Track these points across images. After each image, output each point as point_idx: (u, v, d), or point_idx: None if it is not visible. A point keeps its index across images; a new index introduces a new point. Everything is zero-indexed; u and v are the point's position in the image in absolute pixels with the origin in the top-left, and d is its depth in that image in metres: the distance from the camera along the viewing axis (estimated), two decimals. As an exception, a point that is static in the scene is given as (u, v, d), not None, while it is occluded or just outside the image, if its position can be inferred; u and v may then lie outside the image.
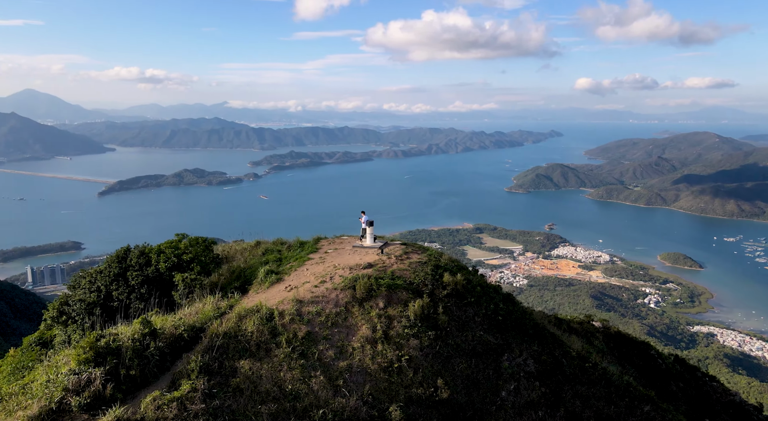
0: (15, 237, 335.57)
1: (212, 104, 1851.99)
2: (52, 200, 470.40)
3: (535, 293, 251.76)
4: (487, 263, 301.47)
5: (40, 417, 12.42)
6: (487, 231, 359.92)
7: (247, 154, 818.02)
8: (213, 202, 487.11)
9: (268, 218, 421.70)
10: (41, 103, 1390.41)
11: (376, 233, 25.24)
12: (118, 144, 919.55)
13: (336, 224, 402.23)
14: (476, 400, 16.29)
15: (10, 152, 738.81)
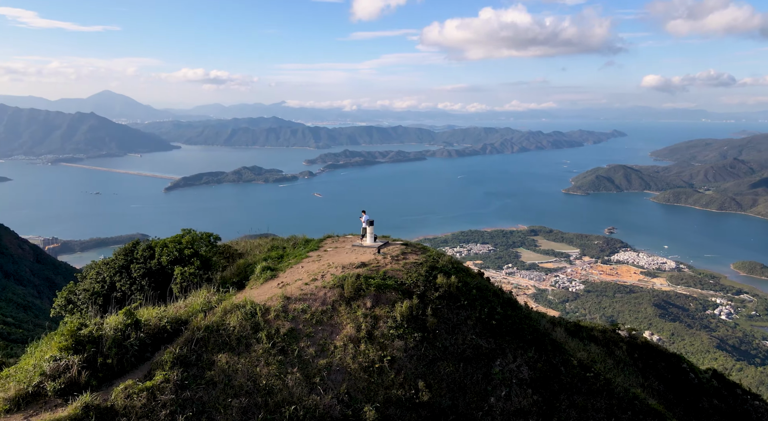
0: (91, 229, 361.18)
1: (271, 104, 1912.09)
2: (124, 195, 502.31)
3: (593, 298, 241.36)
4: (541, 265, 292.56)
5: (15, 400, 12.86)
6: (542, 233, 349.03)
7: (303, 153, 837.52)
8: (269, 199, 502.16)
9: (321, 215, 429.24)
10: (117, 103, 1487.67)
11: (377, 232, 25.27)
12: (183, 142, 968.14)
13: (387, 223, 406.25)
14: (461, 405, 15.83)
15: (89, 149, 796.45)
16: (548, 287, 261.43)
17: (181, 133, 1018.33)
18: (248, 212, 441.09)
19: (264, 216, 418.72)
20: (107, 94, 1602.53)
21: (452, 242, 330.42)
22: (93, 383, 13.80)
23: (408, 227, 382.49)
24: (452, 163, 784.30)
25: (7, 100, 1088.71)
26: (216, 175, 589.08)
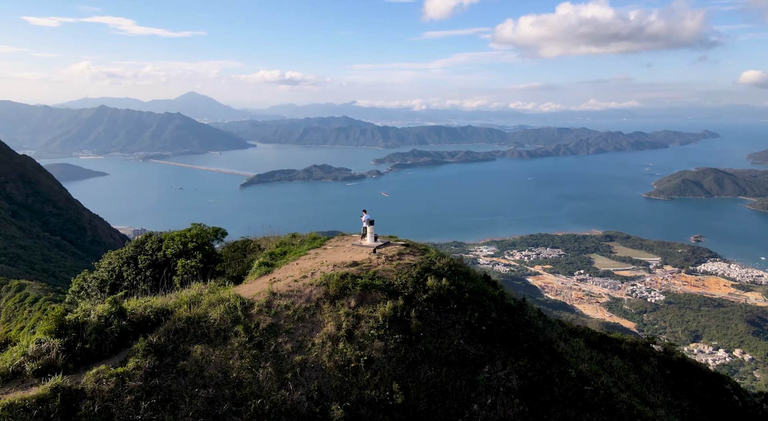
0: (174, 221, 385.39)
1: (341, 104, 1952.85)
2: (204, 190, 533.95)
3: (674, 311, 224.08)
4: (616, 273, 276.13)
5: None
6: (618, 239, 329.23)
7: (371, 152, 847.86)
8: (337, 197, 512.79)
9: (387, 214, 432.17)
10: (200, 104, 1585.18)
11: (379, 233, 25.10)
12: (258, 141, 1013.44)
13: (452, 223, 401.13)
14: (439, 410, 15.29)
15: (175, 147, 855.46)
16: (624, 296, 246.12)
17: (256, 132, 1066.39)
18: (317, 209, 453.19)
19: (332, 214, 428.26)
20: (192, 96, 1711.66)
21: (520, 245, 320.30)
22: (70, 366, 14.41)
23: (474, 228, 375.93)
24: (523, 164, 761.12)
25: (107, 102, 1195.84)
26: (288, 173, 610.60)
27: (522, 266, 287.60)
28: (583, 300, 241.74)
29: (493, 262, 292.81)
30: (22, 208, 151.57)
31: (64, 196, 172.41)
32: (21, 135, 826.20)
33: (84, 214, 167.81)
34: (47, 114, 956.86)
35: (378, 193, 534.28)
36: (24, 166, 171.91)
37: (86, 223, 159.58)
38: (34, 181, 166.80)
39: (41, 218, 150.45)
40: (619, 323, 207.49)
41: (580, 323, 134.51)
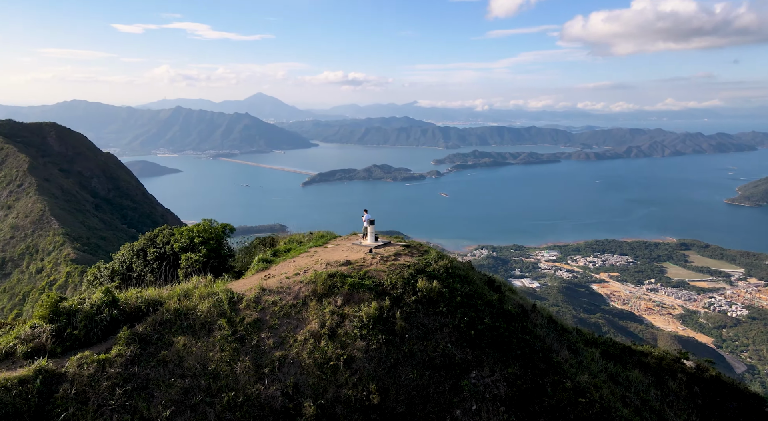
0: (240, 217, 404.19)
1: (403, 104, 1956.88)
2: (268, 188, 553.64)
3: (759, 327, 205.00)
4: (692, 284, 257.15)
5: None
6: (695, 248, 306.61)
7: (432, 152, 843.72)
8: (396, 197, 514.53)
9: (446, 215, 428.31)
10: (267, 104, 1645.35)
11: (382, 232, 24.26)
12: (321, 140, 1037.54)
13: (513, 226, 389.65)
14: (419, 413, 14.93)
15: (243, 146, 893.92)
16: (700, 308, 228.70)
17: (319, 132, 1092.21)
18: (376, 208, 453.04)
19: (390, 213, 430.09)
20: (260, 97, 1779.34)
21: (585, 251, 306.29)
22: (58, 351, 15.05)
23: (535, 231, 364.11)
24: (589, 166, 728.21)
25: (182, 103, 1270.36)
26: (348, 172, 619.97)
27: (586, 273, 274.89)
28: (654, 311, 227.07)
29: (554, 267, 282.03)
30: (104, 201, 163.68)
31: (140, 191, 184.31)
32: (108, 134, 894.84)
33: (157, 208, 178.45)
34: (130, 115, 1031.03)
35: (437, 194, 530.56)
36: (107, 163, 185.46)
37: (159, 217, 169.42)
38: (115, 177, 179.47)
39: (120, 212, 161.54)
40: (693, 338, 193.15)
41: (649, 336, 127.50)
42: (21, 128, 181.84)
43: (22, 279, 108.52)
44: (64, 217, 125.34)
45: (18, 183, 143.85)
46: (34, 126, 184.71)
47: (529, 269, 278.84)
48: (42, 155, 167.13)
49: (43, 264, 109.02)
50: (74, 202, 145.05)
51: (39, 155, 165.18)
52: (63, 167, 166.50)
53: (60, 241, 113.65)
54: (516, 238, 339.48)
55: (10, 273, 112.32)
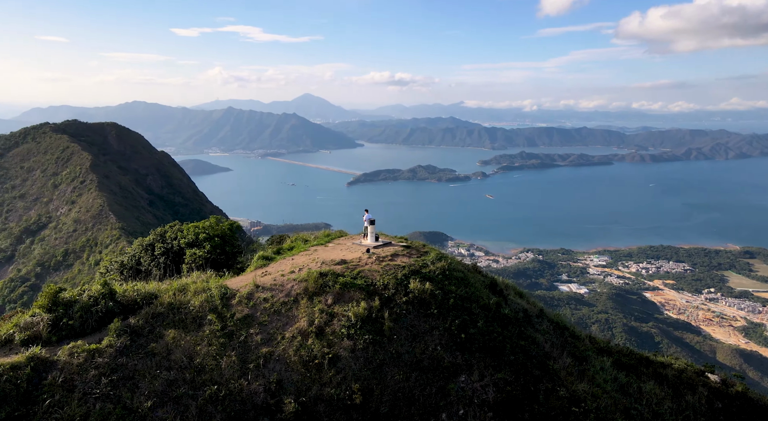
0: (286, 215, 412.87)
1: (449, 104, 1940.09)
2: (313, 187, 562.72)
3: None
4: (756, 295, 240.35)
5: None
6: (761, 256, 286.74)
7: (478, 153, 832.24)
8: (440, 198, 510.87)
9: (491, 217, 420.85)
10: (314, 105, 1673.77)
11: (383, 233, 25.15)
12: (366, 140, 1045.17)
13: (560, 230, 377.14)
14: (403, 414, 14.77)
15: (290, 146, 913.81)
16: (765, 321, 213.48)
17: (364, 132, 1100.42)
18: (420, 208, 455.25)
19: (434, 214, 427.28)
20: (307, 97, 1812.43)
21: (637, 257, 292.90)
22: (53, 339, 15.56)
23: (584, 235, 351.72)
24: (644, 169, 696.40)
25: (233, 103, 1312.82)
26: (393, 173, 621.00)
27: (638, 280, 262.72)
28: (713, 322, 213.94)
29: (604, 272, 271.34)
30: (158, 198, 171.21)
31: (191, 188, 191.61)
32: (164, 133, 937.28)
33: (207, 205, 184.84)
34: (185, 115, 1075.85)
35: (482, 195, 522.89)
36: (161, 162, 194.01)
37: (208, 213, 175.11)
38: (168, 174, 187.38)
39: (172, 208, 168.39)
40: (757, 352, 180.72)
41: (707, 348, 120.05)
42: (85, 128, 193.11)
43: (82, 270, 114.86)
44: (121, 212, 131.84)
45: (81, 180, 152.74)
46: (97, 126, 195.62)
47: (576, 274, 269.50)
48: (103, 153, 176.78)
49: (101, 256, 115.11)
50: (130, 199, 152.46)
51: (100, 153, 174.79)
52: (121, 165, 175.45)
53: (116, 235, 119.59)
54: (563, 242, 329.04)
55: (72, 264, 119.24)
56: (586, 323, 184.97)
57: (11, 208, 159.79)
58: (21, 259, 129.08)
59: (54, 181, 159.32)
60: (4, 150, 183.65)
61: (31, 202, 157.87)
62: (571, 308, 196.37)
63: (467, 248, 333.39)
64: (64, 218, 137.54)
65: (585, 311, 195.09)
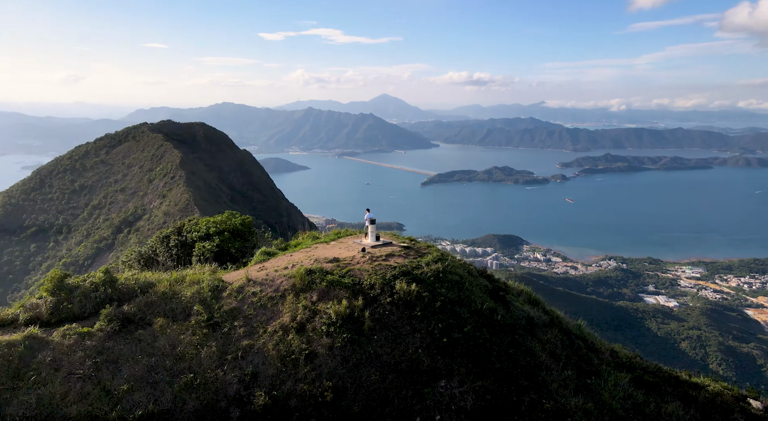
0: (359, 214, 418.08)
1: (529, 104, 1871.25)
2: (387, 186, 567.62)
3: None
4: None
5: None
6: None
7: (558, 155, 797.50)
8: (516, 201, 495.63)
9: (570, 221, 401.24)
10: (390, 105, 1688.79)
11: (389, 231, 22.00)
12: (442, 141, 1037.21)
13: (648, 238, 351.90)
14: (376, 415, 14.68)
15: (366, 145, 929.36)
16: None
17: (440, 133, 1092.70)
18: (494, 211, 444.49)
19: (509, 217, 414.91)
20: (384, 97, 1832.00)
21: (738, 270, 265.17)
22: (52, 321, 16.51)
23: (676, 245, 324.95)
24: (750, 174, 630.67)
25: (313, 104, 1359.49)
26: (468, 174, 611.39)
27: (739, 295, 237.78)
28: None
29: (697, 285, 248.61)
30: (239, 194, 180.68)
31: (269, 186, 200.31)
32: (249, 133, 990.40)
33: (282, 202, 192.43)
34: (268, 115, 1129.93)
35: (562, 199, 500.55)
36: (243, 160, 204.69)
37: (283, 210, 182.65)
38: (249, 172, 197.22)
39: (251, 204, 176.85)
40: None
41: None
42: (177, 128, 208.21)
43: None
44: (204, 207, 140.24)
45: (171, 175, 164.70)
46: (187, 126, 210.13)
47: (665, 286, 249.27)
48: (192, 151, 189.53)
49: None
50: (214, 194, 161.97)
51: (189, 151, 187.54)
52: (207, 162, 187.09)
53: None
54: (651, 250, 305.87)
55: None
56: (675, 339, 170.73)
57: (113, 201, 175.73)
58: (119, 247, 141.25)
59: (149, 177, 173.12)
60: (109, 148, 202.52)
61: (129, 196, 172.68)
62: (657, 322, 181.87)
63: (543, 252, 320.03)
64: (156, 211, 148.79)
65: (673, 325, 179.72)
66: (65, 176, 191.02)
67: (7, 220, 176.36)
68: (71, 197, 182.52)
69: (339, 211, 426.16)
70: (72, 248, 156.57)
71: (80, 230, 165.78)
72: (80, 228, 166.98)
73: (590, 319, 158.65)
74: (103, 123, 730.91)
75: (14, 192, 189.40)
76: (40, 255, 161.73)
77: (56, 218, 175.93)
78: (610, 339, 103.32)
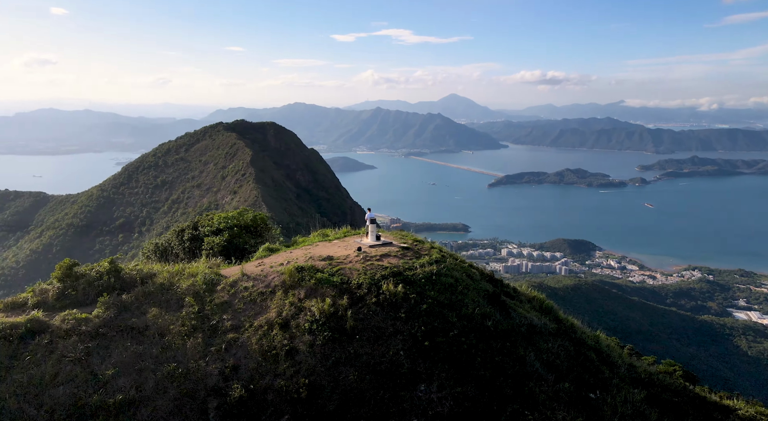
0: (424, 214, 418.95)
1: (606, 104, 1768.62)
2: (453, 187, 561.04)
3: None
4: None
5: (8, 305, 17.56)
6: None
7: (637, 157, 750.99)
8: (588, 204, 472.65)
9: (649, 228, 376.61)
10: (459, 105, 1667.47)
11: None
12: (511, 141, 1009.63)
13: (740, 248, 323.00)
14: (350, 415, 14.67)
15: (433, 145, 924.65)
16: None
17: (510, 133, 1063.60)
18: (565, 214, 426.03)
19: (581, 221, 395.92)
20: (453, 97, 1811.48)
21: None
22: (57, 306, 17.31)
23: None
24: None
25: (381, 104, 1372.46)
26: (537, 176, 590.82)
27: None
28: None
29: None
30: (304, 192, 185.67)
31: (334, 184, 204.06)
32: (318, 132, 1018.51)
33: (347, 201, 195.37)
34: (337, 115, 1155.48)
35: (640, 204, 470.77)
36: (310, 158, 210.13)
37: (347, 208, 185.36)
38: (315, 170, 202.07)
39: (316, 201, 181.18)
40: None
41: None
42: (250, 127, 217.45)
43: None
44: (272, 203, 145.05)
45: (242, 172, 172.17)
46: (259, 125, 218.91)
47: (759, 301, 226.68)
48: (262, 150, 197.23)
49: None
50: (281, 191, 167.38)
51: (260, 150, 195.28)
52: (276, 160, 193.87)
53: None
54: (743, 261, 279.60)
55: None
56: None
57: (190, 196, 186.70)
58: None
59: (222, 174, 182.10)
60: (188, 146, 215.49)
61: (204, 191, 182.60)
62: (749, 340, 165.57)
63: (618, 260, 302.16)
64: (227, 206, 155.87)
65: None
66: (149, 172, 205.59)
67: (99, 211, 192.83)
68: (154, 192, 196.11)
69: (404, 210, 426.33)
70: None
71: (161, 222, 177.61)
72: (161, 221, 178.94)
73: (669, 332, 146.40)
74: (186, 123, 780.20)
75: (106, 186, 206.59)
76: (126, 245, 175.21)
77: (141, 211, 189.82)
78: (691, 356, 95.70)
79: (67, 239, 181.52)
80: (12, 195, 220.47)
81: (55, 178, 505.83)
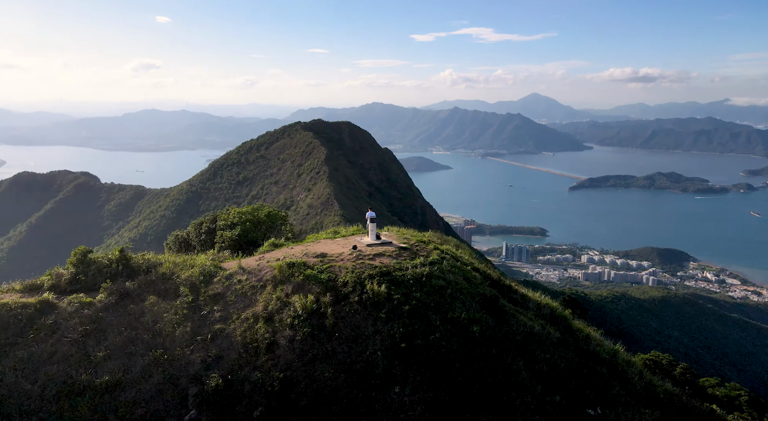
0: (500, 216, 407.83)
1: (708, 102, 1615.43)
2: (531, 189, 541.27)
3: None
4: None
5: (26, 287, 18.75)
6: None
7: (743, 161, 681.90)
8: (683, 211, 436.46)
9: (755, 239, 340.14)
10: (540, 104, 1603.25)
11: None
12: (596, 143, 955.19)
13: None
14: (322, 412, 14.84)
15: (511, 146, 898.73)
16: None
17: (595, 134, 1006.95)
18: (655, 222, 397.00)
19: (674, 229, 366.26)
20: (534, 97, 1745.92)
21: None
22: (68, 290, 18.42)
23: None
24: None
25: (459, 104, 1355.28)
26: (624, 179, 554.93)
27: None
28: None
29: None
30: (377, 190, 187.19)
31: (406, 184, 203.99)
32: (395, 132, 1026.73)
33: (418, 201, 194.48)
34: (415, 115, 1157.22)
35: (745, 212, 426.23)
36: (383, 158, 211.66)
37: (418, 208, 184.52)
38: (388, 169, 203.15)
39: (388, 201, 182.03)
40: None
41: None
42: (326, 126, 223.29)
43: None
44: (344, 201, 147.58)
45: (317, 171, 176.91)
46: (335, 124, 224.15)
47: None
48: (337, 149, 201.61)
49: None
50: (353, 190, 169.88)
51: (335, 149, 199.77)
52: (350, 159, 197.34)
53: (337, 221, 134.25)
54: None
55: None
56: None
57: (267, 192, 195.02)
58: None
59: (298, 171, 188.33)
60: (268, 144, 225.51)
61: (281, 188, 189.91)
62: None
63: (716, 272, 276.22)
64: (301, 203, 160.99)
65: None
66: (232, 169, 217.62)
67: (188, 205, 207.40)
68: (236, 187, 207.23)
69: (479, 212, 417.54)
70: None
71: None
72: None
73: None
74: (269, 122, 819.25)
75: (195, 181, 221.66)
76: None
77: (223, 205, 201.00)
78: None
79: (160, 230, 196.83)
80: (116, 188, 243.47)
81: (155, 173, 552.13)
